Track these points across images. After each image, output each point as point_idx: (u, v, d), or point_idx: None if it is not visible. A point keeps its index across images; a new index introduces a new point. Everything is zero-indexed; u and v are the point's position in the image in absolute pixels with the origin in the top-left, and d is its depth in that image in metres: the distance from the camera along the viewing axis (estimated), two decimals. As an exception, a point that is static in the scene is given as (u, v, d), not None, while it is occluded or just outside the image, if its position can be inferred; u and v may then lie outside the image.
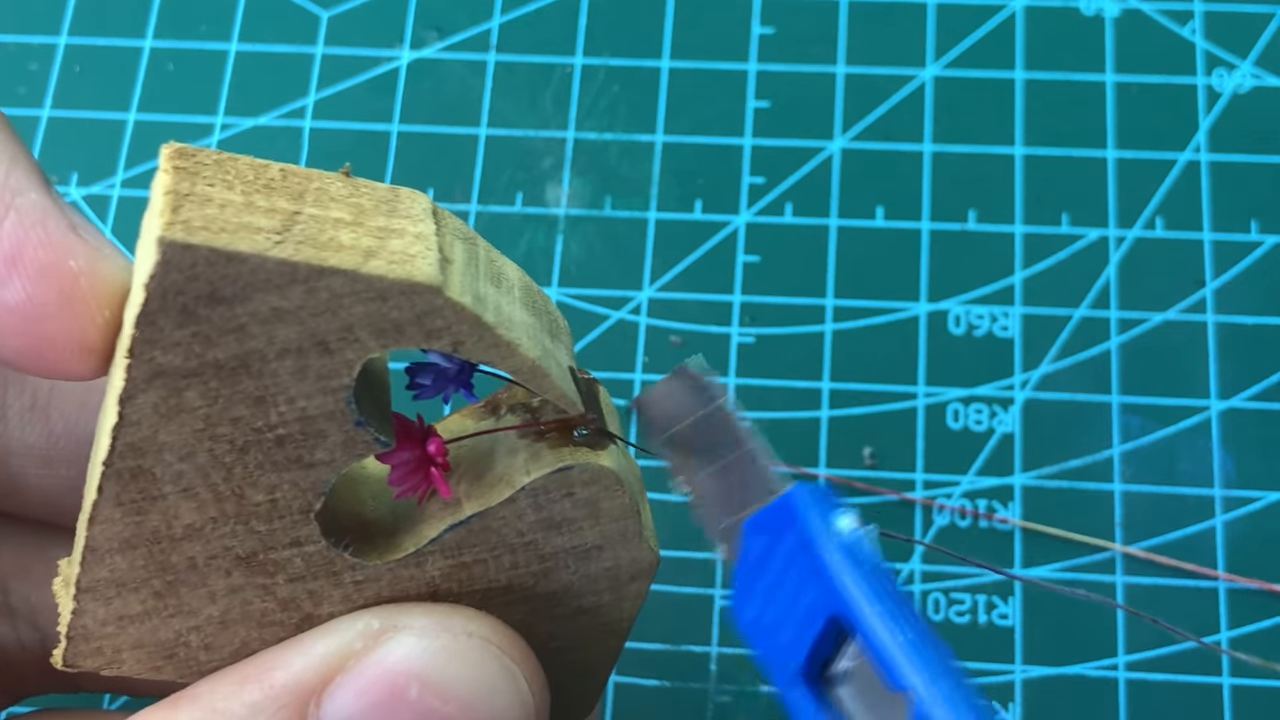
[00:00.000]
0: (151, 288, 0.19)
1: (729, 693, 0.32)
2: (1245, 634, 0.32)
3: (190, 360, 0.19)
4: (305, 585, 0.22)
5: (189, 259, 0.18)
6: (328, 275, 0.19)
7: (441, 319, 0.20)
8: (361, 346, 0.20)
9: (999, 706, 0.31)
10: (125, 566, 0.21)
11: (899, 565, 0.33)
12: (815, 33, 0.39)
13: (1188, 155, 0.37)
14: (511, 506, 0.22)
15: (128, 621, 0.22)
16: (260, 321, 0.19)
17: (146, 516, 0.21)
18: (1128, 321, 0.35)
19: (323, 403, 0.20)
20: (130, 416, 0.20)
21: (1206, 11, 0.38)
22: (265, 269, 0.19)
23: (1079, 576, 0.32)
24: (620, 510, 0.22)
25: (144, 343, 0.19)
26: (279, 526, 0.21)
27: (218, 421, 0.20)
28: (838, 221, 0.36)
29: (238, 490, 0.21)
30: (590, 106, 0.38)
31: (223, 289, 0.19)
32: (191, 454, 0.20)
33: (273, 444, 0.20)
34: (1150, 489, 0.33)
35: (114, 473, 0.20)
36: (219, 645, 0.22)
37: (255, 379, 0.20)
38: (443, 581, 0.22)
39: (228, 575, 0.21)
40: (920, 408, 0.34)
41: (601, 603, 0.23)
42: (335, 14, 0.40)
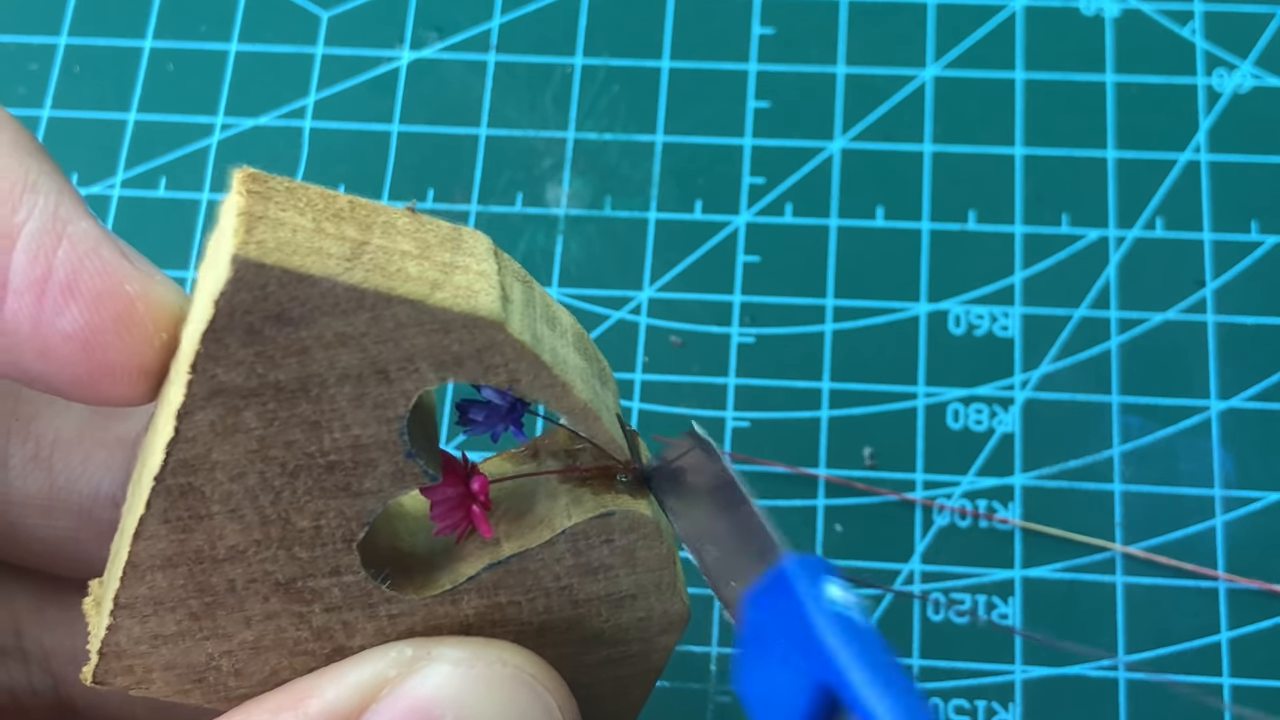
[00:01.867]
0: (221, 305, 0.19)
1: (729, 693, 0.32)
2: (1244, 634, 0.32)
3: (251, 380, 0.20)
4: (340, 616, 0.22)
5: (261, 279, 0.19)
6: (395, 304, 0.19)
7: (500, 355, 0.20)
8: (420, 377, 0.20)
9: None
10: (165, 585, 0.21)
11: (899, 565, 0.33)
12: (815, 33, 0.39)
13: (1188, 155, 0.37)
14: (550, 549, 0.22)
15: (161, 641, 0.22)
16: (324, 346, 0.20)
17: (191, 535, 0.21)
18: (1128, 321, 0.35)
19: (377, 432, 0.20)
20: (186, 433, 0.20)
21: (1206, 12, 0.38)
22: (335, 293, 0.19)
23: (1079, 577, 0.32)
24: (658, 560, 0.23)
25: (208, 359, 0.19)
26: (321, 554, 0.21)
27: (272, 444, 0.20)
28: (838, 221, 0.36)
29: (284, 515, 0.21)
30: (590, 107, 0.38)
31: (291, 310, 0.19)
32: (243, 475, 0.20)
33: (323, 470, 0.21)
34: (1150, 489, 0.33)
35: (164, 488, 0.20)
36: (249, 672, 0.22)
37: (313, 403, 0.20)
38: (476, 621, 0.22)
39: (265, 601, 0.22)
40: (920, 408, 0.34)
41: (630, 653, 0.24)
42: (335, 14, 0.40)
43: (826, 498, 0.33)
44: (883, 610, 0.32)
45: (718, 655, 0.32)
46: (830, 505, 0.33)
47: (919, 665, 0.32)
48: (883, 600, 0.32)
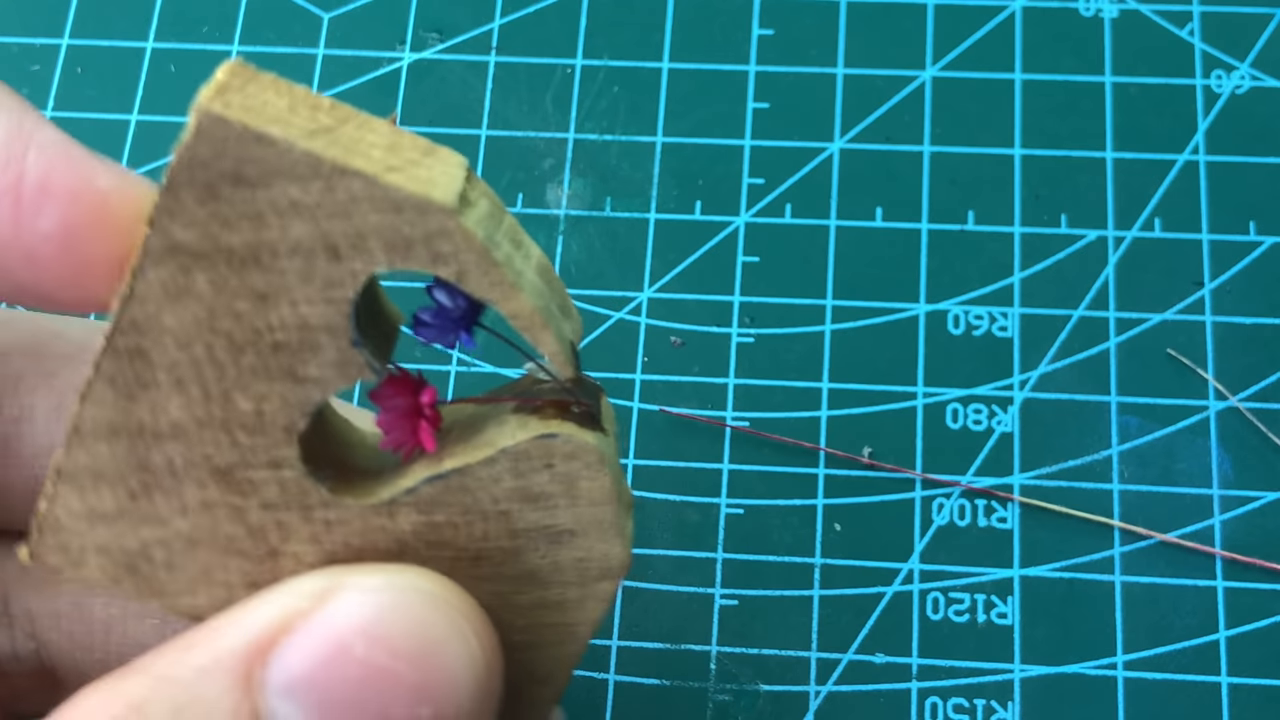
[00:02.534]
0: (181, 156, 0.19)
1: (728, 691, 0.32)
2: (1243, 633, 0.32)
3: (205, 241, 0.20)
4: (276, 515, 0.22)
5: (222, 133, 0.19)
6: (349, 176, 0.20)
7: (450, 244, 0.20)
8: (370, 258, 0.20)
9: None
10: (107, 456, 0.21)
11: (898, 564, 0.33)
12: (815, 34, 0.39)
13: (1186, 156, 0.37)
14: (490, 468, 0.22)
15: (98, 519, 0.22)
16: (278, 213, 0.20)
17: (136, 404, 0.21)
18: (1126, 321, 0.35)
19: (324, 312, 0.21)
20: (139, 291, 0.20)
21: (1205, 13, 0.38)
22: (292, 157, 0.19)
23: (1078, 576, 0.33)
24: (599, 494, 0.22)
25: (165, 213, 0.20)
26: (261, 442, 0.21)
27: (220, 313, 0.20)
28: (837, 222, 0.36)
29: (227, 393, 0.21)
30: (590, 107, 0.38)
31: (247, 170, 0.20)
32: (190, 344, 0.21)
33: (269, 349, 0.21)
34: (1148, 488, 0.33)
35: (114, 349, 0.21)
36: (181, 566, 0.22)
37: (264, 273, 0.20)
38: (413, 539, 0.22)
39: (203, 488, 0.21)
40: (919, 407, 0.34)
41: (567, 598, 0.23)
42: (336, 15, 0.40)
43: (826, 497, 0.34)
44: (882, 608, 0.32)
45: (717, 654, 0.32)
46: (829, 504, 0.33)
47: (918, 664, 0.32)
48: (882, 600, 0.33)
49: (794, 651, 0.32)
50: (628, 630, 0.32)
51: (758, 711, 0.32)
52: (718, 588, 0.33)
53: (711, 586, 0.33)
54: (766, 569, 0.33)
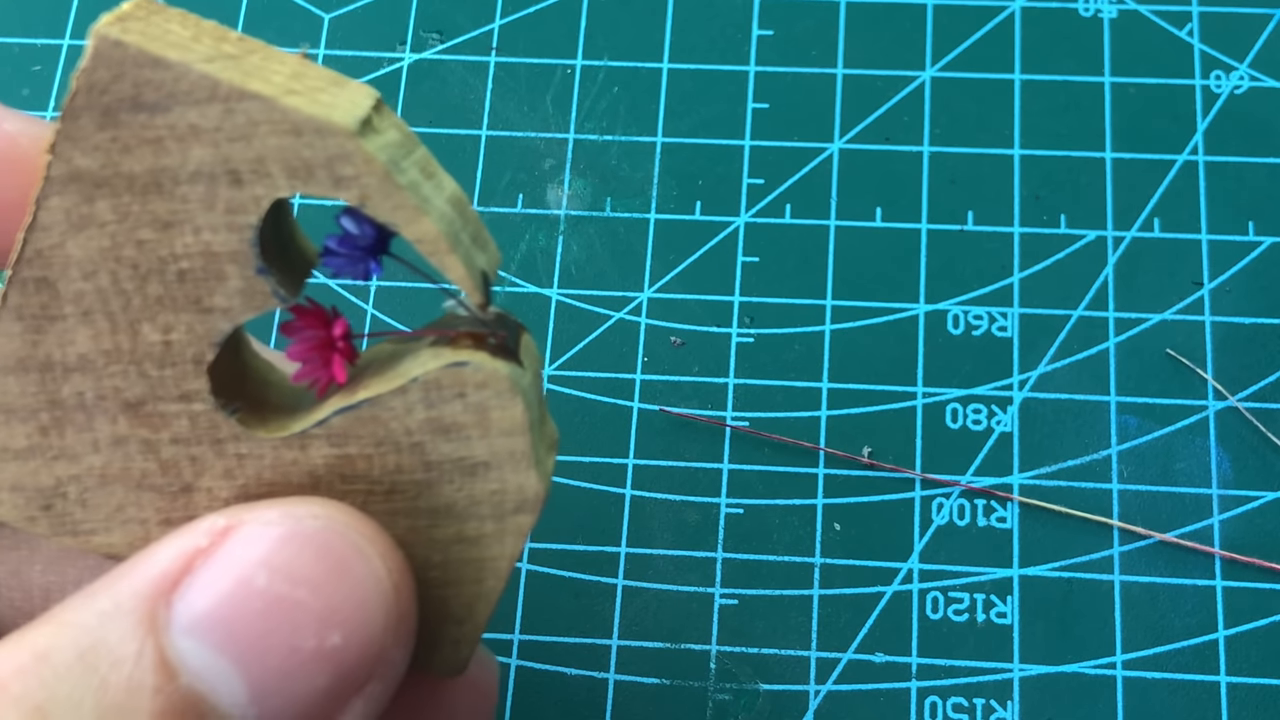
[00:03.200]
0: (79, 80, 0.19)
1: (728, 691, 0.32)
2: (1242, 632, 0.32)
3: (106, 168, 0.20)
4: (188, 450, 0.22)
5: (118, 56, 0.19)
6: (247, 99, 0.20)
7: (352, 167, 0.20)
8: (272, 183, 0.20)
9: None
10: (16, 391, 0.21)
11: (897, 564, 0.33)
12: (814, 35, 0.39)
13: (1185, 156, 0.37)
14: (403, 398, 0.22)
15: (10, 456, 0.22)
16: (177, 138, 0.20)
17: (43, 337, 0.21)
18: (1125, 321, 0.35)
19: (227, 240, 0.20)
20: (42, 220, 0.20)
21: (1204, 13, 0.38)
22: (188, 79, 0.20)
23: (1077, 575, 0.33)
24: (511, 424, 0.22)
25: (65, 140, 0.20)
26: (170, 375, 0.21)
27: (124, 242, 0.21)
28: (837, 222, 0.36)
29: (134, 324, 0.21)
30: (591, 108, 0.38)
31: (146, 95, 0.20)
32: (95, 273, 0.21)
33: (174, 279, 0.21)
34: (1147, 488, 0.33)
35: (19, 281, 0.21)
36: (96, 504, 0.22)
37: (166, 200, 0.20)
38: (325, 472, 0.22)
39: (114, 422, 0.21)
40: (919, 407, 0.34)
41: (484, 532, 0.23)
42: (336, 15, 0.40)
43: (826, 497, 0.34)
44: (882, 608, 0.33)
45: (717, 654, 0.32)
46: (829, 504, 0.33)
47: (917, 663, 0.32)
48: (882, 599, 0.33)
49: (794, 651, 0.32)
50: (628, 630, 0.32)
51: (757, 711, 0.32)
52: (718, 587, 0.33)
53: (711, 586, 0.33)
54: (766, 569, 0.33)
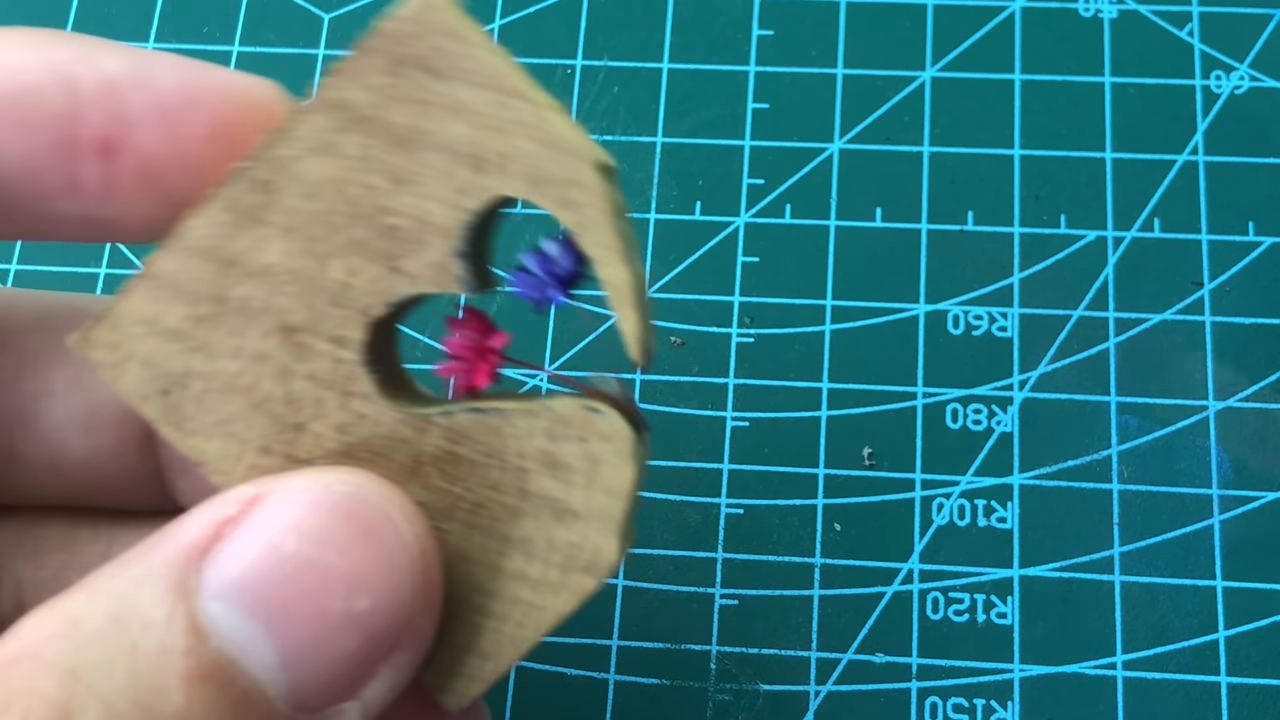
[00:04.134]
0: (388, 25, 0.21)
1: (728, 691, 0.32)
2: (1241, 632, 0.32)
3: (371, 109, 0.22)
4: (318, 390, 0.23)
5: (429, 18, 0.21)
6: (519, 98, 0.21)
7: (584, 195, 0.21)
8: (507, 181, 0.22)
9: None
10: (193, 274, 0.22)
11: (898, 564, 0.33)
12: (814, 35, 0.39)
13: (1185, 156, 0.37)
14: (528, 420, 0.22)
15: (156, 331, 0.23)
16: (445, 107, 0.21)
17: (241, 235, 0.22)
18: (1126, 322, 0.35)
19: (444, 215, 0.22)
20: (295, 131, 0.22)
21: (1204, 13, 0.38)
22: (478, 60, 0.21)
23: (1077, 576, 0.33)
24: (617, 486, 0.22)
25: (348, 72, 0.22)
26: (335, 315, 0.22)
27: (354, 180, 0.22)
28: (837, 222, 0.36)
29: (326, 256, 0.22)
30: (590, 108, 0.38)
31: (436, 61, 0.21)
32: (315, 197, 0.22)
33: (381, 230, 0.22)
34: (1148, 488, 0.33)
35: (246, 176, 0.22)
36: (210, 408, 0.23)
37: (408, 158, 0.22)
38: (429, 462, 0.23)
39: (265, 337, 0.22)
40: (919, 408, 0.34)
41: (546, 579, 0.23)
42: (337, 15, 0.40)
43: (826, 497, 0.34)
44: (882, 608, 0.33)
45: (717, 654, 0.32)
46: (829, 504, 0.33)
47: (917, 663, 0.32)
48: (882, 600, 0.33)
49: (794, 651, 0.32)
50: (628, 630, 0.32)
51: (758, 711, 0.32)
52: (718, 588, 0.33)
53: (711, 586, 0.33)
54: (766, 569, 0.33)
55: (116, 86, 0.22)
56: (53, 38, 0.22)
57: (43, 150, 0.22)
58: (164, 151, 0.22)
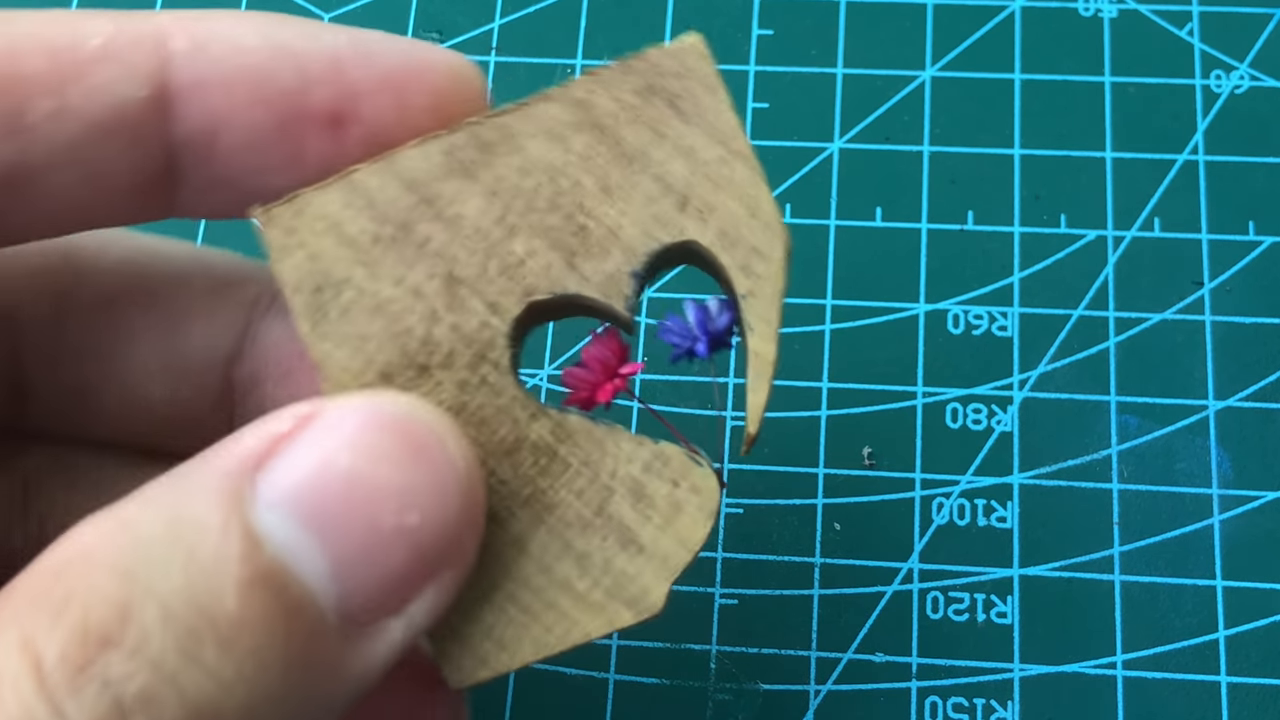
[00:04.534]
0: (655, 56, 0.24)
1: (728, 691, 0.32)
2: (1241, 632, 0.32)
3: (608, 119, 0.24)
4: (455, 345, 0.24)
5: (692, 65, 0.24)
6: (744, 163, 0.24)
7: (765, 268, 0.24)
8: (702, 228, 0.24)
9: None
10: (390, 195, 0.24)
11: (898, 564, 0.33)
12: (814, 34, 0.39)
13: (1185, 156, 0.37)
14: (634, 446, 0.24)
15: (334, 234, 0.24)
16: (675, 145, 0.24)
17: (447, 182, 0.24)
18: (1125, 321, 0.35)
19: (633, 236, 0.24)
20: (534, 111, 0.24)
21: (1204, 13, 0.38)
22: (721, 117, 0.24)
23: (1077, 575, 0.33)
24: (690, 536, 0.24)
25: (605, 80, 0.24)
26: (499, 283, 0.24)
27: (568, 175, 0.24)
28: (837, 222, 0.36)
29: (514, 229, 0.24)
30: (590, 107, 0.38)
31: (683, 103, 0.24)
32: (527, 175, 0.24)
33: (571, 227, 0.24)
34: (1148, 488, 0.33)
35: (473, 133, 0.24)
36: (351, 320, 0.24)
37: (624, 174, 0.24)
38: (527, 450, 0.24)
39: (429, 278, 0.24)
40: (919, 407, 0.34)
41: (589, 598, 0.24)
42: (336, 15, 0.40)
43: (826, 497, 0.34)
44: (882, 608, 0.33)
45: (717, 653, 0.32)
46: (829, 504, 0.33)
47: (917, 663, 0.32)
48: (882, 599, 0.33)
49: (794, 651, 0.32)
50: (628, 630, 0.32)
51: (758, 711, 0.32)
52: (718, 587, 0.33)
53: (711, 586, 0.33)
54: (766, 568, 0.33)
55: (342, 62, 0.24)
56: (277, 19, 0.24)
57: (270, 125, 0.23)
58: (390, 121, 0.24)
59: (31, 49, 0.22)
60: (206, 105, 0.23)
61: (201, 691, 0.19)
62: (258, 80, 0.23)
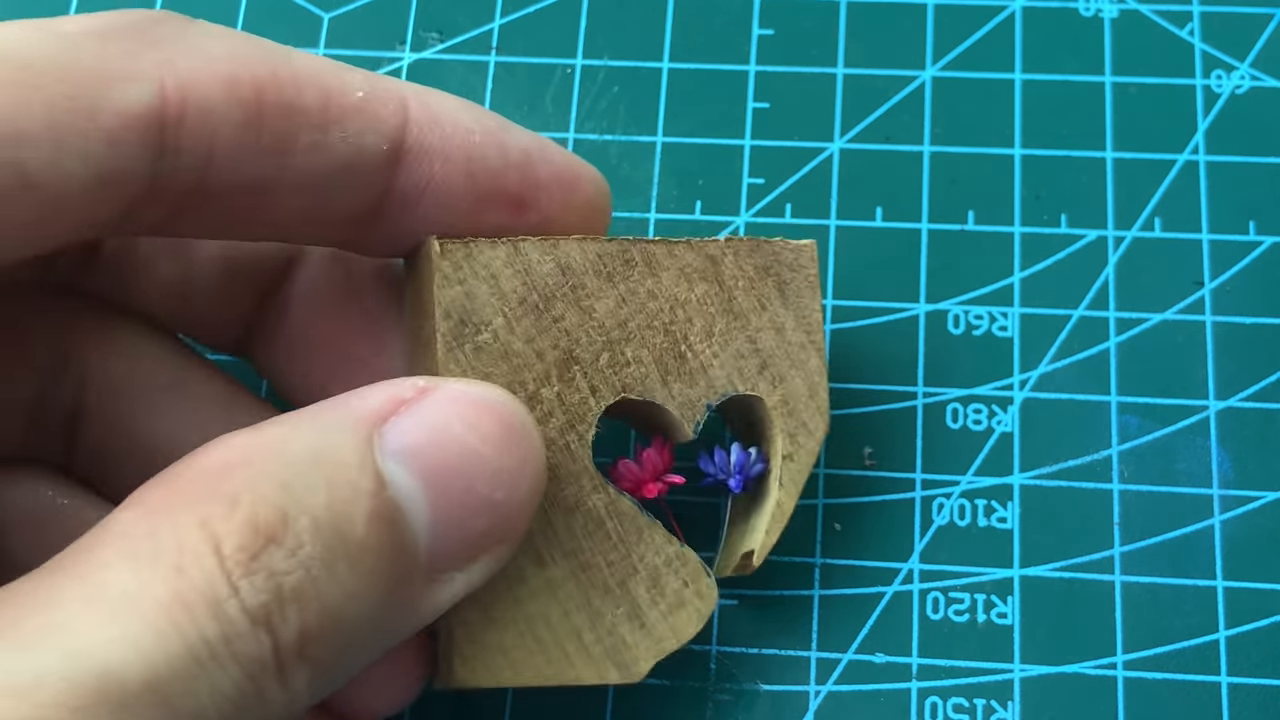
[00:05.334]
0: (778, 245, 0.30)
1: (728, 691, 0.32)
2: (1242, 632, 0.32)
3: (728, 279, 0.29)
4: (555, 407, 0.28)
5: (806, 265, 0.30)
6: (818, 354, 0.30)
7: (807, 442, 0.30)
8: (769, 391, 0.29)
9: None
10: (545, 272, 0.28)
11: (898, 564, 0.33)
12: (815, 34, 0.39)
13: (1186, 156, 0.37)
14: (664, 542, 0.29)
15: (489, 285, 0.28)
16: (772, 320, 0.29)
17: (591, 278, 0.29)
18: (1126, 321, 0.35)
19: (718, 378, 0.29)
20: (677, 250, 0.29)
21: (1204, 13, 0.38)
22: (812, 311, 0.30)
23: (1077, 576, 0.33)
24: (681, 630, 0.29)
25: (734, 249, 0.29)
26: (605, 374, 0.28)
27: (685, 310, 0.29)
28: (837, 222, 0.36)
29: (629, 336, 0.29)
30: (590, 107, 0.38)
31: (789, 289, 0.30)
32: (654, 298, 0.29)
33: (675, 352, 0.29)
34: (1148, 488, 0.33)
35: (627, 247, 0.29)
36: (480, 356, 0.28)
37: (727, 325, 0.29)
38: (582, 513, 0.28)
39: (553, 348, 0.28)
40: (919, 407, 0.34)
41: (589, 651, 0.28)
42: (336, 15, 0.40)
43: (826, 497, 0.34)
44: (882, 608, 0.33)
45: (717, 654, 0.32)
46: (829, 504, 0.33)
47: (917, 663, 0.32)
48: (882, 599, 0.33)
49: (794, 651, 0.32)
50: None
51: (758, 711, 0.32)
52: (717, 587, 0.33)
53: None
54: (766, 569, 0.33)
55: (531, 158, 0.28)
56: (480, 110, 0.29)
57: (469, 196, 0.28)
58: (559, 214, 0.29)
59: (312, 89, 0.25)
60: (428, 169, 0.27)
61: (332, 598, 0.22)
62: (471, 157, 0.27)
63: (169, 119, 0.24)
